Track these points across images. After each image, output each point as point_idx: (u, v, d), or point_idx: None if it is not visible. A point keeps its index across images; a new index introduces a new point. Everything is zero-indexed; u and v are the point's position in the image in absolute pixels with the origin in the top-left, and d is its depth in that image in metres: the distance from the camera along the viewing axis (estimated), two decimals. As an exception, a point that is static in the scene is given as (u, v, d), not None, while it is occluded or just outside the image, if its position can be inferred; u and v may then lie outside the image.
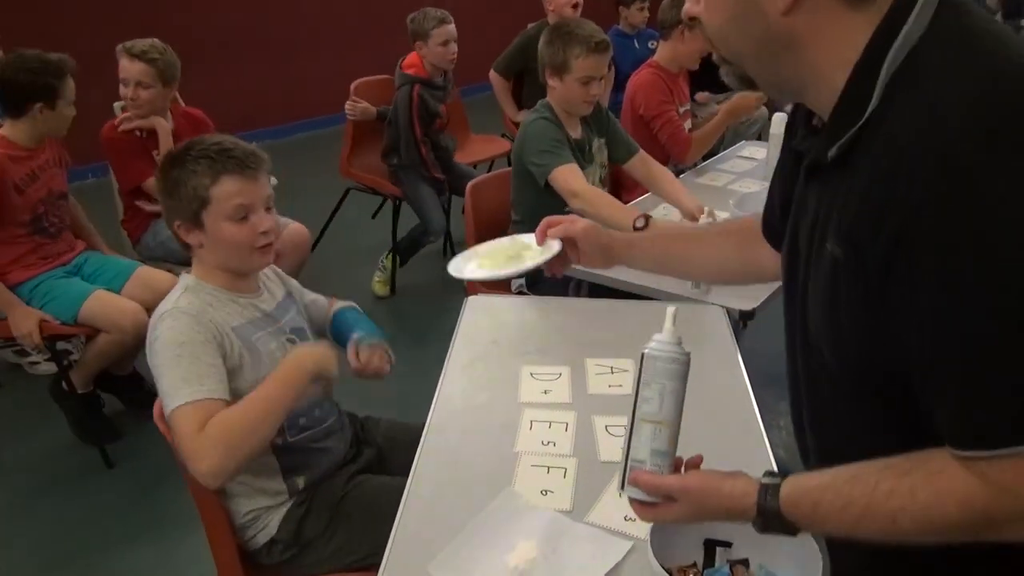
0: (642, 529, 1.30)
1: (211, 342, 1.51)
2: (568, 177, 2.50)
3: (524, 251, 1.50)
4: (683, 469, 1.04)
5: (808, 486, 0.91)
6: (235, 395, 1.51)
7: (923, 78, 0.78)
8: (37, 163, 2.72)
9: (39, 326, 2.61)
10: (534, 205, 2.54)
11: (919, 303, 0.77)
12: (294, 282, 1.88)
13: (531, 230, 1.48)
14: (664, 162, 2.95)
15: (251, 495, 1.62)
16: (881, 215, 0.78)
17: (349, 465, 1.75)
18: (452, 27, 3.78)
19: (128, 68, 2.96)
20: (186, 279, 1.62)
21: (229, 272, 1.63)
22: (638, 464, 0.99)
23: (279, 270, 1.84)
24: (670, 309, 0.99)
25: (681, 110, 3.33)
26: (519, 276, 1.39)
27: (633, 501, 1.02)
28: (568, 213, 2.12)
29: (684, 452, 1.05)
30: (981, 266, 0.73)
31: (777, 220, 1.14)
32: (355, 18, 6.61)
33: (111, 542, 2.45)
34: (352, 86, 4.03)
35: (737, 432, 1.57)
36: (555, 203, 2.46)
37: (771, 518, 0.92)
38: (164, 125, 3.04)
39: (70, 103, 2.69)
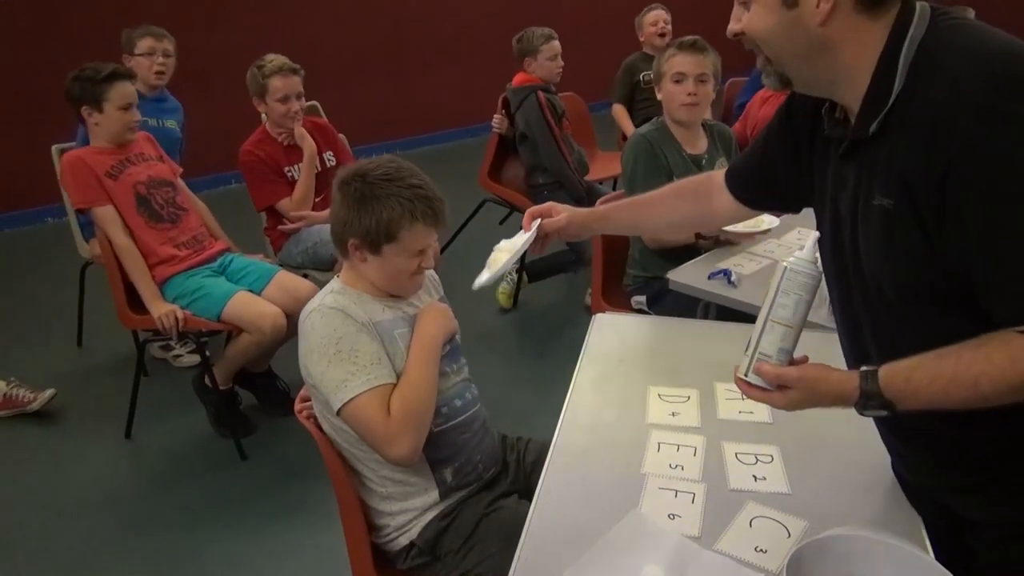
0: (772, 561, 1.27)
1: (364, 331, 1.58)
2: None
3: (519, 240, 1.68)
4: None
5: (900, 366, 1.07)
6: None
7: (938, 63, 1.03)
8: (126, 155, 2.92)
9: (175, 315, 2.78)
10: None
11: (974, 215, 0.98)
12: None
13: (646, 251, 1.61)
14: None
15: (407, 496, 1.67)
16: (930, 161, 1.00)
17: (495, 486, 1.77)
18: (558, 42, 3.97)
19: (288, 84, 3.18)
20: (334, 284, 1.69)
21: (380, 285, 1.69)
22: (765, 357, 1.14)
23: (435, 276, 1.88)
24: (814, 234, 1.14)
25: None
26: (510, 265, 1.65)
27: (751, 386, 1.18)
28: None
29: (823, 484, 1.02)
30: (1012, 178, 0.96)
31: (755, 181, 1.49)
32: (483, 35, 6.76)
33: (241, 531, 2.57)
34: (501, 99, 4.11)
35: (876, 469, 1.51)
36: None
37: (872, 397, 1.08)
38: (311, 144, 3.21)
39: (119, 107, 2.85)
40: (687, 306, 2.46)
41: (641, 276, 2.77)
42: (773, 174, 1.43)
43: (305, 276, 3.18)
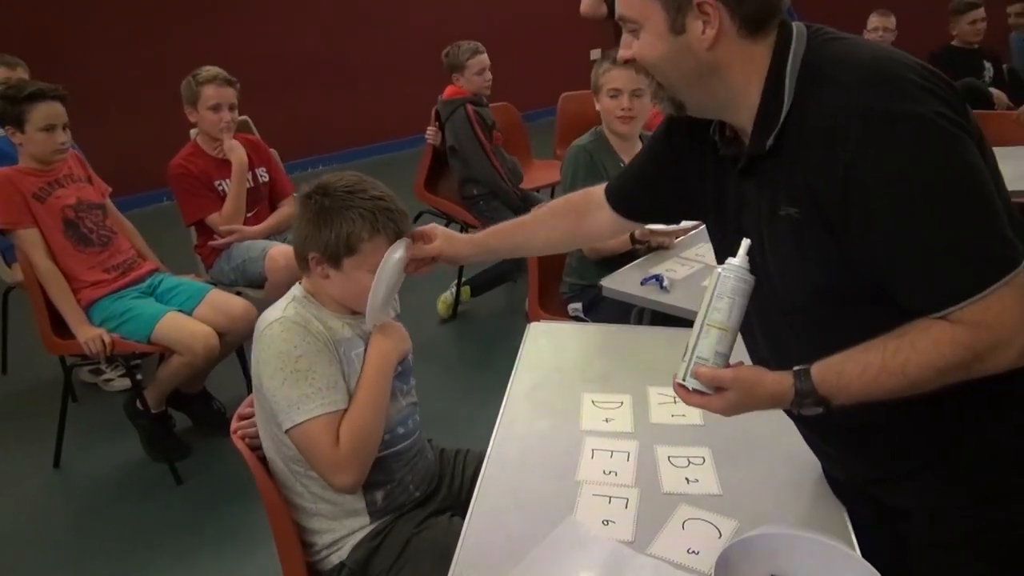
0: (704, 563, 1.29)
1: (324, 350, 1.55)
2: None
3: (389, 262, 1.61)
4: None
5: (831, 362, 1.10)
6: None
7: (823, 74, 1.08)
8: (55, 176, 2.82)
9: (102, 339, 2.71)
10: None
11: (878, 214, 1.03)
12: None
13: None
14: None
15: (336, 516, 1.65)
16: (829, 166, 1.04)
17: (428, 503, 1.76)
18: (485, 56, 3.99)
19: (222, 94, 3.13)
20: (296, 291, 1.65)
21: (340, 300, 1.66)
22: (702, 361, 1.15)
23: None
24: (745, 241, 1.16)
25: None
26: (388, 286, 1.58)
27: (689, 391, 1.18)
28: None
29: (753, 484, 1.02)
30: (909, 175, 1.01)
31: (637, 197, 1.53)
32: (417, 47, 6.76)
33: (179, 556, 2.51)
34: (433, 111, 4.10)
35: (804, 467, 1.54)
36: None
37: (806, 395, 1.11)
38: (241, 155, 3.16)
39: (40, 128, 2.74)
40: (623, 312, 2.49)
41: (577, 284, 2.79)
42: (656, 190, 1.48)
43: (239, 294, 3.12)
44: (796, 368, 1.12)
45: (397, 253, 1.57)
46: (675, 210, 1.51)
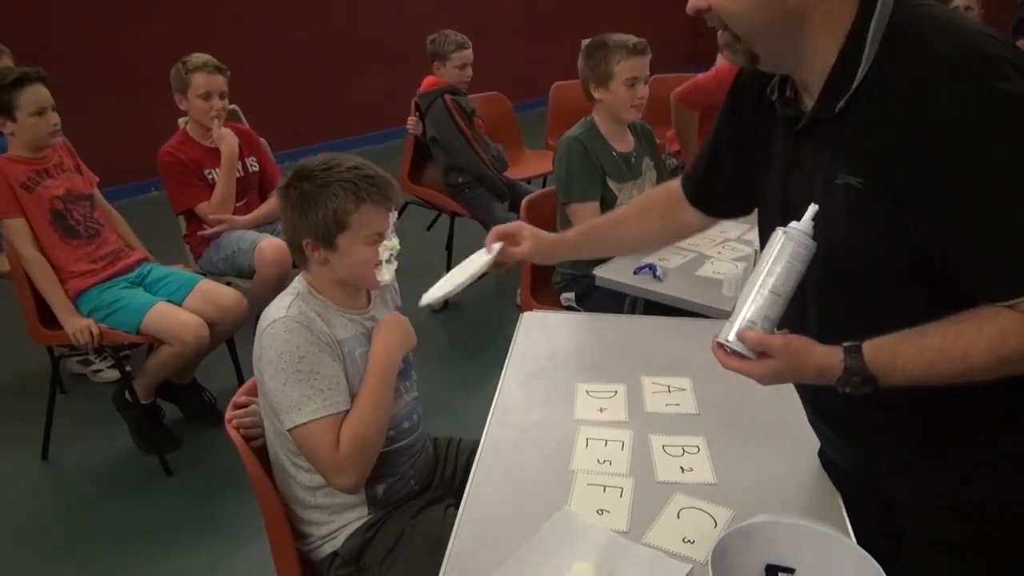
0: (699, 551, 1.28)
1: (327, 351, 1.54)
2: (581, 216, 2.57)
3: (479, 261, 1.64)
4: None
5: (884, 342, 1.06)
6: None
7: (913, 36, 1.03)
8: (44, 166, 2.78)
9: (90, 329, 2.68)
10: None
11: (955, 190, 0.99)
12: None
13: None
14: None
15: (336, 509, 1.64)
16: (907, 134, 1.00)
17: (423, 494, 1.75)
18: (470, 51, 3.98)
19: (212, 81, 3.10)
20: (298, 285, 1.64)
21: (346, 287, 1.65)
22: (751, 325, 1.10)
23: (395, 283, 1.82)
24: (812, 206, 1.11)
25: None
26: (465, 283, 1.60)
27: (730, 354, 1.13)
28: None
29: (748, 473, 0.99)
30: (1001, 152, 0.97)
31: (721, 186, 1.44)
32: (410, 35, 6.72)
33: (169, 548, 2.49)
34: (413, 102, 4.08)
35: (799, 456, 1.54)
36: None
37: (855, 372, 1.07)
38: (231, 143, 3.12)
39: (32, 113, 2.70)
40: (616, 302, 2.48)
41: (570, 273, 2.78)
42: (728, 172, 1.41)
43: (228, 284, 3.10)
44: (846, 344, 1.08)
45: (486, 257, 1.57)
46: (751, 188, 1.38)
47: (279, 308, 1.57)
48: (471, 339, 3.81)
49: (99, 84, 5.29)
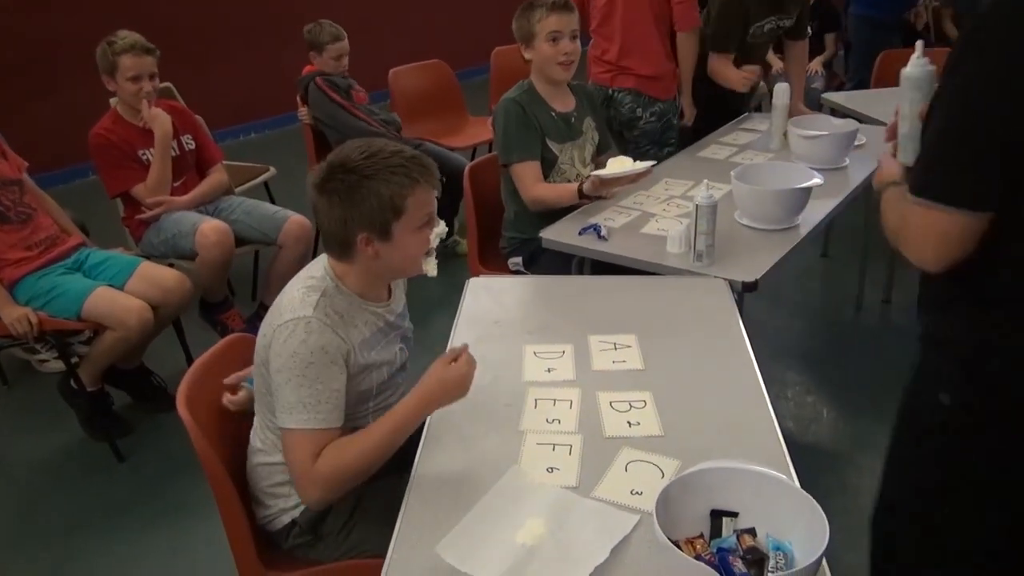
0: (648, 502, 1.30)
1: (338, 362, 1.49)
2: (523, 177, 2.58)
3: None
4: None
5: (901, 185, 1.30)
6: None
7: None
8: None
9: (28, 319, 2.62)
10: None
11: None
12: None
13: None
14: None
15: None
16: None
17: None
18: (345, 43, 3.98)
19: (141, 63, 2.99)
20: (326, 279, 1.55)
21: (377, 280, 1.61)
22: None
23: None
24: (919, 43, 1.33)
25: None
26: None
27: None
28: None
29: (694, 424, 1.01)
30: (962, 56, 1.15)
31: None
32: (349, 8, 6.59)
33: (126, 532, 2.47)
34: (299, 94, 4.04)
35: (743, 405, 1.57)
36: None
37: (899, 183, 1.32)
38: (164, 123, 3.04)
39: None
40: (564, 264, 2.49)
41: (517, 237, 2.78)
42: None
43: (171, 265, 3.04)
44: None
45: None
46: None
47: (305, 304, 1.49)
48: (419, 308, 3.78)
49: (22, 66, 5.10)
